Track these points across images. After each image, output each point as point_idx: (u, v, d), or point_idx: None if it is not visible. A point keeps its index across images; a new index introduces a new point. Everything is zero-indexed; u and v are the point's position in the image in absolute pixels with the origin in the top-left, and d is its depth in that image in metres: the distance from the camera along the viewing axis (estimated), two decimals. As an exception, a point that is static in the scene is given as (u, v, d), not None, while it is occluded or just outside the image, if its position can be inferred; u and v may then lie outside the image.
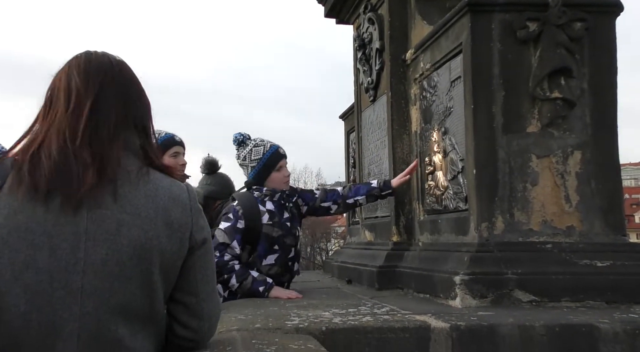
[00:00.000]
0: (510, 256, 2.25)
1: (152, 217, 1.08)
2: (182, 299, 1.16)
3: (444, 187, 2.71)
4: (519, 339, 1.78)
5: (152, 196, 1.10)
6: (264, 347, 1.27)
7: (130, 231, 1.05)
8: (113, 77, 1.16)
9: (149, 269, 1.07)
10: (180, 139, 2.99)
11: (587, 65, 2.42)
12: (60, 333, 1.00)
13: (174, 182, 1.17)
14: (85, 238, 1.02)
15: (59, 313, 1.00)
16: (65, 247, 1.01)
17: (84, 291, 1.01)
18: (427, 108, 2.93)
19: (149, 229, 1.07)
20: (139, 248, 1.05)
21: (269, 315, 1.94)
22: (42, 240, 1.01)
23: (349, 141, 4.58)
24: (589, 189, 2.38)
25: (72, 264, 1.01)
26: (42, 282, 1.00)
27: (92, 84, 1.12)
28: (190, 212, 1.15)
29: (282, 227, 2.72)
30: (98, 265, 1.02)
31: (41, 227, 1.01)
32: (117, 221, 1.05)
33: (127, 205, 1.06)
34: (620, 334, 1.79)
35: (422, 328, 1.77)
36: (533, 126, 2.40)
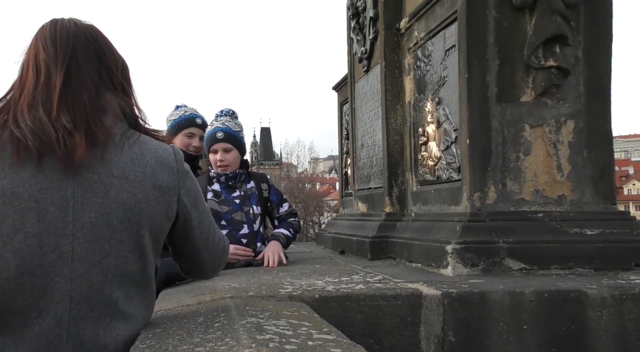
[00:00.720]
0: (502, 225, 2.27)
1: (140, 181, 1.08)
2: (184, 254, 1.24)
3: (437, 158, 2.70)
4: (509, 305, 1.81)
5: (138, 159, 1.09)
6: (257, 314, 1.28)
7: (118, 194, 1.05)
8: (83, 42, 1.13)
9: (139, 232, 1.07)
10: (202, 121, 3.10)
11: (583, 33, 2.39)
12: (53, 296, 1.01)
13: (160, 144, 1.16)
14: (73, 202, 1.02)
15: (50, 276, 1.01)
16: (53, 211, 1.01)
17: (74, 254, 1.02)
18: (421, 78, 2.90)
19: (138, 192, 1.07)
20: (128, 211, 1.06)
21: (262, 283, 1.95)
22: (29, 205, 1.01)
23: (342, 113, 4.55)
24: (581, 158, 2.39)
25: (61, 227, 1.01)
26: (31, 246, 1.00)
27: (61, 52, 1.10)
28: (177, 175, 1.15)
29: (229, 204, 2.79)
30: (87, 228, 1.03)
31: (27, 192, 1.01)
32: (104, 185, 1.05)
33: (114, 168, 1.06)
34: (607, 299, 1.83)
35: (414, 295, 1.80)
36: (527, 95, 2.38)
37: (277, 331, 1.09)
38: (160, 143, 1.16)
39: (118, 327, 1.06)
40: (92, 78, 1.11)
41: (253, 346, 0.93)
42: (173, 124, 3.04)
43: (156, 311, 1.55)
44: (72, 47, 1.11)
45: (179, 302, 1.65)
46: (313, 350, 0.96)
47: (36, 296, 1.00)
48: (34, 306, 1.00)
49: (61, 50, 1.10)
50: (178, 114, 3.07)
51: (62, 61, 1.09)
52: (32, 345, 1.00)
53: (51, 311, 1.01)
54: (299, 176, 42.25)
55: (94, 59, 1.14)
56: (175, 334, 1.08)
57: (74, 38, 1.13)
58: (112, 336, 1.05)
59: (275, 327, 1.13)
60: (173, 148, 1.18)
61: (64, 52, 1.10)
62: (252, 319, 1.20)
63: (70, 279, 1.01)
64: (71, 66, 1.10)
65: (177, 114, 3.08)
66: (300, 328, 1.16)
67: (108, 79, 1.14)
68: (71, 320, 1.01)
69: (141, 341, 1.05)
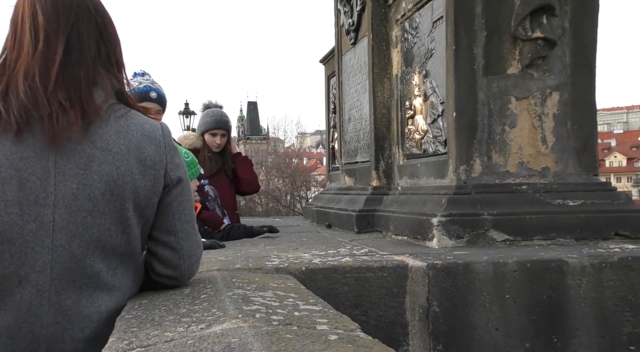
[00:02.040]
0: (486, 198, 2.30)
1: (123, 153, 1.06)
2: (161, 237, 1.17)
3: (423, 131, 2.70)
4: (492, 275, 1.84)
5: (123, 132, 1.08)
6: (244, 286, 1.29)
7: (101, 167, 1.04)
8: (86, 12, 1.09)
9: (122, 205, 1.07)
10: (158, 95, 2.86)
11: (570, 3, 2.38)
12: (34, 265, 1.01)
13: (147, 119, 1.14)
14: (55, 172, 1.01)
15: (31, 246, 1.00)
16: (34, 180, 1.00)
17: (55, 225, 1.01)
18: (408, 50, 2.88)
19: (121, 165, 1.06)
20: (111, 183, 1.05)
21: (249, 256, 1.96)
22: (9, 173, 0.99)
23: (329, 86, 4.51)
24: (565, 130, 2.41)
25: (42, 197, 1.01)
26: (12, 215, 1.00)
27: (63, 20, 1.06)
28: (165, 149, 1.13)
29: None
30: (69, 199, 1.02)
31: (8, 160, 1.00)
32: (87, 156, 1.03)
33: (98, 140, 1.05)
34: (587, 267, 1.87)
35: (399, 267, 1.82)
36: (513, 68, 2.38)
37: (263, 302, 1.10)
38: (148, 118, 1.15)
39: (101, 297, 1.06)
40: (91, 52, 1.09)
41: (239, 316, 0.93)
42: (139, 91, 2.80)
43: (143, 284, 1.55)
44: (75, 17, 1.07)
45: (166, 276, 1.65)
46: (299, 320, 0.97)
47: (16, 265, 1.00)
48: (14, 274, 1.00)
49: (63, 17, 1.06)
50: (133, 85, 2.91)
51: (63, 31, 1.06)
52: (13, 313, 1.00)
53: (32, 280, 1.00)
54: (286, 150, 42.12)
55: (95, 32, 1.10)
56: (162, 305, 1.08)
57: (77, 6, 1.09)
58: (95, 306, 1.05)
59: (262, 298, 1.14)
60: (161, 124, 1.17)
61: (66, 20, 1.06)
62: (239, 290, 1.21)
63: (51, 249, 1.01)
64: (72, 37, 1.06)
65: (132, 85, 2.90)
66: (287, 299, 1.17)
67: (105, 54, 1.12)
68: (52, 289, 1.01)
69: (127, 312, 1.05)
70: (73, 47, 1.06)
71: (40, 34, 1.05)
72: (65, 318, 1.02)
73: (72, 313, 1.03)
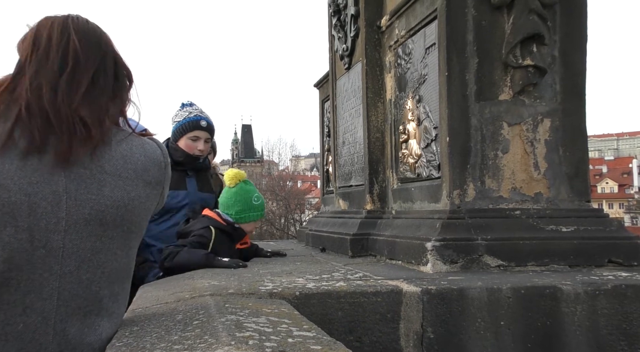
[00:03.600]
0: (480, 223, 2.30)
1: (132, 178, 1.08)
2: None
3: (417, 156, 2.72)
4: (487, 301, 1.83)
5: (128, 156, 1.10)
6: (237, 311, 1.27)
7: (113, 192, 1.05)
8: (109, 49, 1.18)
9: (129, 228, 1.08)
10: (208, 123, 2.98)
11: (559, 33, 2.44)
12: (40, 292, 0.99)
13: (144, 139, 1.18)
14: (66, 197, 1.01)
15: (39, 272, 0.99)
16: (45, 206, 0.99)
17: (65, 251, 1.00)
18: (401, 76, 2.92)
19: (131, 189, 1.07)
20: (122, 209, 1.06)
21: (242, 281, 1.94)
22: (19, 198, 0.98)
23: (324, 110, 4.54)
24: (557, 156, 2.44)
25: (53, 223, 0.99)
26: (21, 241, 0.98)
27: (93, 53, 1.13)
28: (165, 169, 1.18)
29: None
30: (81, 225, 1.01)
31: (16, 185, 0.98)
32: (97, 181, 1.04)
33: (106, 165, 1.06)
34: (581, 295, 1.87)
35: (394, 292, 1.81)
36: (505, 94, 2.42)
37: (256, 328, 1.08)
38: (145, 139, 1.18)
39: (102, 324, 1.05)
40: (109, 87, 1.15)
41: (232, 343, 0.92)
42: (177, 126, 2.93)
43: (134, 309, 1.53)
44: (103, 53, 1.16)
45: (157, 300, 1.63)
46: (293, 347, 0.96)
47: (22, 292, 0.98)
48: (19, 302, 0.98)
49: (93, 52, 1.14)
50: (183, 115, 2.95)
51: (92, 63, 1.12)
52: (16, 343, 0.97)
53: (37, 308, 0.98)
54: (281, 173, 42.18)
55: (113, 66, 1.18)
56: (153, 331, 1.06)
57: (105, 44, 1.18)
58: (97, 334, 1.04)
59: (255, 324, 1.13)
60: (156, 141, 1.20)
61: (96, 55, 1.14)
62: (232, 316, 1.19)
63: (60, 276, 1.00)
64: (99, 69, 1.13)
65: (181, 115, 2.96)
66: (280, 325, 1.16)
67: (117, 89, 1.18)
68: (58, 317, 1.00)
69: (118, 339, 1.03)
70: (99, 77, 1.13)
71: (70, 58, 1.09)
72: (69, 347, 1.00)
73: (75, 342, 1.01)
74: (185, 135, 2.93)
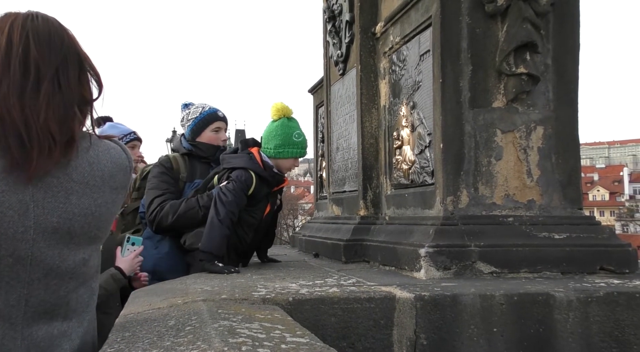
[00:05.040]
0: (473, 229, 2.31)
1: (99, 185, 1.07)
2: None
3: (411, 162, 2.73)
4: (480, 308, 1.83)
5: (95, 163, 1.09)
6: (230, 317, 1.26)
7: (80, 200, 1.04)
8: (72, 49, 1.12)
9: (96, 234, 1.08)
10: (223, 114, 3.05)
11: (552, 41, 2.46)
12: (8, 299, 0.98)
13: (109, 143, 1.15)
14: (33, 205, 0.99)
15: (6, 280, 0.98)
16: (12, 214, 0.98)
17: (33, 259, 0.99)
18: (396, 82, 2.93)
19: (98, 197, 1.07)
20: (89, 216, 1.05)
21: (235, 286, 1.93)
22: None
23: (318, 116, 4.55)
24: (550, 163, 2.45)
25: (20, 232, 0.98)
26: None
27: (54, 57, 1.07)
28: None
29: None
30: (49, 233, 1.00)
31: None
32: (65, 189, 1.03)
33: (73, 173, 1.04)
34: (573, 302, 1.87)
35: (387, 298, 1.80)
36: (499, 101, 2.43)
37: (249, 334, 1.07)
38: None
39: (71, 326, 1.05)
40: (76, 87, 1.10)
41: (225, 349, 0.91)
42: (197, 121, 2.94)
43: (125, 314, 1.51)
44: (64, 55, 1.09)
45: (150, 306, 1.62)
46: (286, 353, 0.95)
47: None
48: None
49: (54, 54, 1.07)
50: (197, 111, 2.97)
51: (54, 67, 1.07)
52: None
53: (5, 314, 0.98)
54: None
55: (77, 68, 1.12)
56: (145, 337, 1.05)
57: (67, 45, 1.10)
58: (67, 335, 1.04)
59: (248, 330, 1.12)
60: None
61: (57, 58, 1.08)
62: (225, 322, 1.18)
63: (27, 283, 0.99)
64: (61, 74, 1.08)
65: (196, 111, 2.97)
66: (274, 331, 1.15)
67: (84, 87, 1.14)
68: (25, 323, 0.99)
69: (109, 345, 1.02)
70: (62, 83, 1.07)
71: (32, 67, 1.05)
72: (39, 350, 1.00)
73: (45, 345, 1.01)
74: (207, 129, 2.95)
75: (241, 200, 2.56)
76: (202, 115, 2.96)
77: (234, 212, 2.52)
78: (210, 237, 2.45)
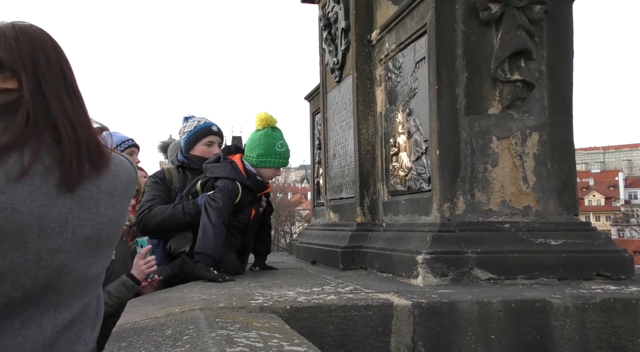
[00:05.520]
0: (470, 236, 2.31)
1: (120, 196, 1.12)
2: None
3: (407, 168, 2.74)
4: (477, 314, 1.83)
5: (115, 175, 1.12)
6: (227, 326, 1.26)
7: (107, 210, 1.08)
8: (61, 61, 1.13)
9: (114, 242, 1.13)
10: (218, 128, 3.15)
11: (546, 48, 2.48)
12: (39, 306, 1.01)
13: (119, 156, 1.20)
14: (71, 217, 1.02)
15: (40, 289, 1.01)
16: (53, 227, 1.00)
17: (67, 268, 1.02)
18: (392, 89, 2.94)
19: (120, 207, 1.11)
20: (114, 225, 1.10)
21: (232, 294, 1.92)
22: (30, 221, 0.98)
23: (314, 123, 4.56)
24: (545, 169, 2.47)
25: (59, 243, 1.01)
26: (29, 262, 0.99)
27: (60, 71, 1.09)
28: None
29: None
30: (82, 243, 1.04)
31: (28, 208, 0.99)
32: (95, 201, 1.06)
33: (102, 185, 1.08)
34: (570, 308, 1.88)
35: (384, 306, 1.80)
36: (494, 108, 2.45)
37: (247, 343, 1.07)
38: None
39: (87, 332, 1.08)
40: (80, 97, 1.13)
41: (223, 359, 0.91)
42: (191, 134, 3.04)
43: (122, 323, 1.51)
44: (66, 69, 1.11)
45: (147, 315, 1.61)
46: (284, 363, 0.95)
47: (23, 308, 1.00)
48: (19, 316, 1.00)
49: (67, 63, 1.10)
50: (193, 125, 3.07)
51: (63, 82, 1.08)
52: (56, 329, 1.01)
53: (36, 320, 1.00)
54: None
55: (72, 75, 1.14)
56: (142, 347, 1.05)
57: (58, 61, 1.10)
58: (84, 340, 1.07)
59: (246, 339, 1.12)
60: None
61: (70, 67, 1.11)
62: (222, 331, 1.18)
63: (58, 291, 1.02)
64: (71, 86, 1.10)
65: (191, 125, 3.07)
66: (271, 340, 1.15)
67: None
68: (54, 329, 1.02)
69: (106, 356, 1.02)
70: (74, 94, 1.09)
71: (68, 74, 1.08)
72: None
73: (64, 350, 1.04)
74: (200, 142, 3.04)
75: (229, 207, 2.64)
76: (196, 129, 3.05)
77: (224, 217, 2.59)
78: (205, 238, 2.51)
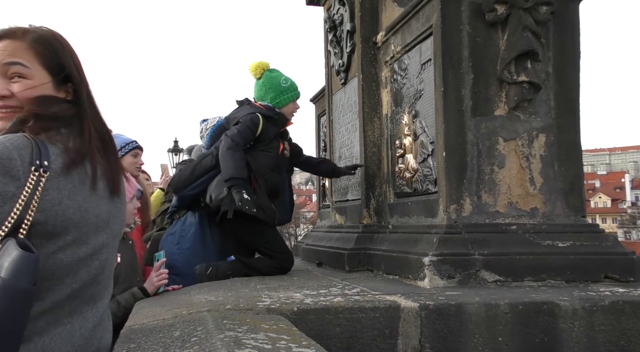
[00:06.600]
0: (477, 238, 2.30)
1: (124, 198, 1.25)
2: None
3: (414, 170, 2.73)
4: (485, 317, 1.83)
5: None
6: (235, 327, 1.26)
7: (124, 209, 1.23)
8: None
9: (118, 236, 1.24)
10: None
11: (552, 49, 2.47)
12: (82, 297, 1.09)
13: None
14: (111, 217, 1.16)
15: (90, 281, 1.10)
16: (102, 226, 1.12)
17: (107, 262, 1.15)
18: (397, 91, 2.94)
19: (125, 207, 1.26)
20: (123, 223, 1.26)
21: (239, 296, 1.93)
22: (93, 219, 1.09)
23: (320, 125, 4.56)
24: (552, 171, 2.46)
25: (104, 238, 1.13)
26: (109, 258, 1.14)
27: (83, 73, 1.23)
28: None
29: None
30: (113, 239, 1.18)
31: (108, 214, 1.13)
32: (121, 202, 1.21)
33: (122, 187, 1.22)
34: (578, 311, 1.87)
35: (392, 308, 1.80)
36: (500, 109, 2.44)
37: (255, 345, 1.07)
38: None
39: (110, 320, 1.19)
40: None
41: (232, 361, 0.91)
42: (215, 128, 3.22)
43: (130, 325, 1.51)
44: None
45: (154, 316, 1.61)
46: (292, 364, 0.95)
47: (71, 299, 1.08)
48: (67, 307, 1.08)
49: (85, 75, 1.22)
50: (214, 121, 3.28)
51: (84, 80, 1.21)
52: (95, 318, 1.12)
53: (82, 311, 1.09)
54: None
55: None
56: (151, 348, 1.05)
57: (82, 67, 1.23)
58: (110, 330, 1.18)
59: (254, 341, 1.12)
60: None
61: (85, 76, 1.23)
62: (230, 332, 1.18)
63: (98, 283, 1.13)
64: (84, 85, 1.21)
65: (212, 122, 3.29)
66: (279, 342, 1.15)
67: None
68: (95, 319, 1.12)
69: (115, 357, 1.02)
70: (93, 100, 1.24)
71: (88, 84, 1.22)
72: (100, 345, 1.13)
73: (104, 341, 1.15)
74: None
75: (246, 135, 2.76)
76: (219, 123, 3.25)
77: (237, 141, 2.71)
78: (226, 165, 2.67)
